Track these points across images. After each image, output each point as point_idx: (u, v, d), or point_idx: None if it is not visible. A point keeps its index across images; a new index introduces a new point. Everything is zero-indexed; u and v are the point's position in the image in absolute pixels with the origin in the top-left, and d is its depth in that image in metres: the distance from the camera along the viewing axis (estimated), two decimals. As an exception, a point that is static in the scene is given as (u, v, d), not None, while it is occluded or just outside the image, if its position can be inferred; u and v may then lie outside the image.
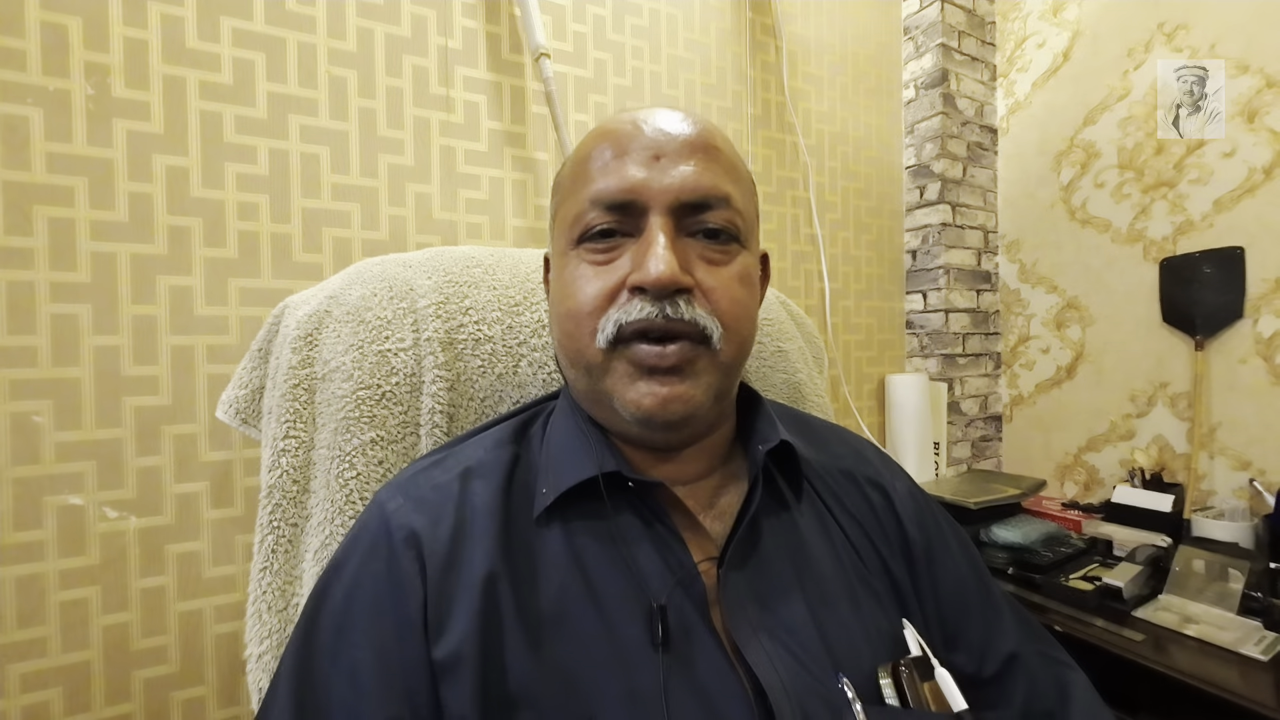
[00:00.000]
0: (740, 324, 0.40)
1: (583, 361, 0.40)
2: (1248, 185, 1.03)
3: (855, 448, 0.51)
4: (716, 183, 0.39)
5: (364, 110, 0.84)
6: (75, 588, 0.68)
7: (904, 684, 0.36)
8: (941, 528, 0.48)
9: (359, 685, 0.33)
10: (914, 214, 1.38)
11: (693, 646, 0.35)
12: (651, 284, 0.36)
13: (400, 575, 0.36)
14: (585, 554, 0.38)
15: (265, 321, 0.56)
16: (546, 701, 0.33)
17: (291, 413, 0.49)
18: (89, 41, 0.69)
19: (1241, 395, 1.04)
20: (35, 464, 0.67)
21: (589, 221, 0.39)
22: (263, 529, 0.48)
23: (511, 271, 0.57)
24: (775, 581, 0.39)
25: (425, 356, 0.49)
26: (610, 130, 0.41)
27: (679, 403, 0.37)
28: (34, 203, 0.67)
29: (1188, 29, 1.09)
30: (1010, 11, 1.39)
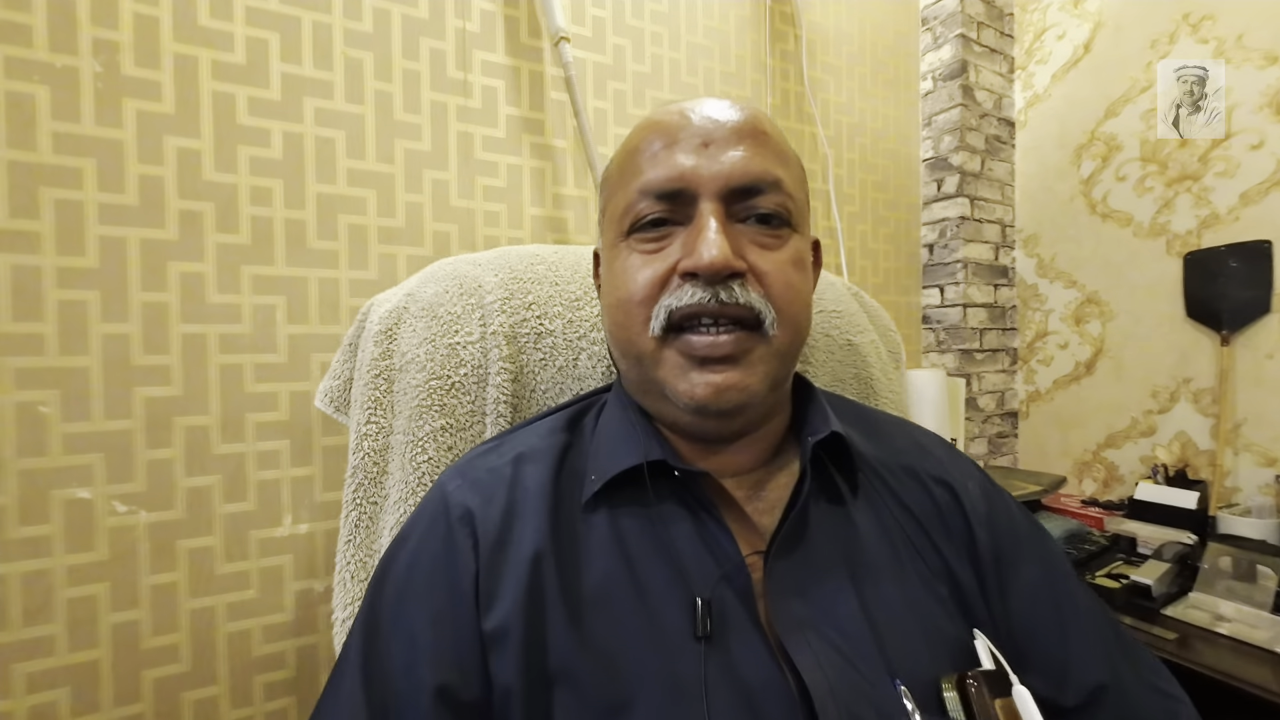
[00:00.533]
0: (794, 308, 0.39)
1: (634, 351, 0.40)
2: (1276, 178, 1.01)
3: (921, 443, 0.48)
4: (767, 167, 0.38)
5: (380, 93, 0.81)
6: (83, 584, 0.66)
7: (971, 697, 0.33)
8: (1019, 533, 0.44)
9: (416, 648, 0.35)
10: (931, 207, 1.36)
11: (735, 640, 0.34)
12: (704, 268, 0.35)
13: (455, 550, 0.38)
14: (629, 541, 0.38)
15: (355, 318, 0.60)
16: (585, 680, 0.33)
17: (372, 401, 0.53)
18: (97, 17, 0.66)
19: (1268, 390, 1.02)
20: (42, 456, 0.64)
21: (639, 211, 0.39)
22: (347, 505, 0.52)
23: (573, 268, 0.59)
24: (825, 577, 0.38)
25: (491, 349, 0.52)
26: (657, 121, 0.41)
27: (734, 391, 0.37)
28: (40, 184, 0.64)
29: (1214, 19, 1.08)
30: (1029, 3, 1.37)
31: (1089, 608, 0.42)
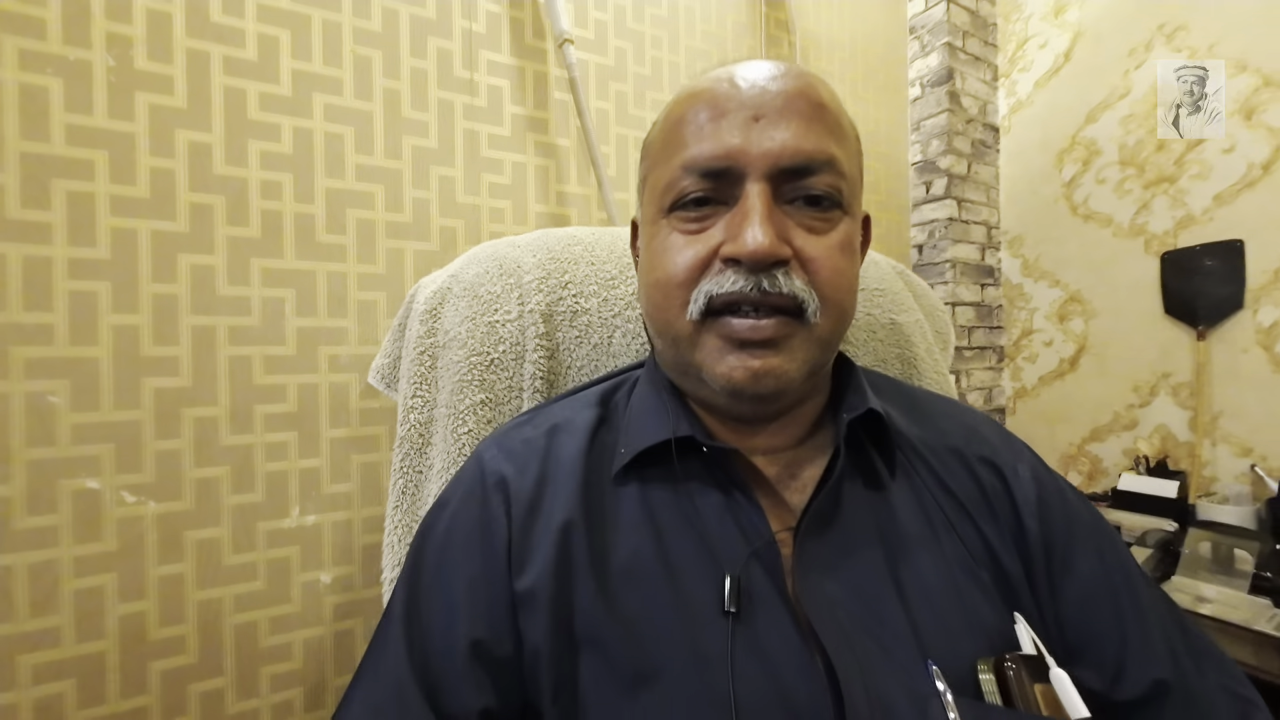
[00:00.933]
0: (840, 295, 0.37)
1: (671, 333, 0.39)
2: (1247, 180, 1.06)
3: (969, 424, 0.46)
4: (820, 145, 0.36)
5: (388, 91, 0.83)
6: (90, 575, 0.66)
7: (1009, 681, 0.32)
8: (1073, 520, 0.41)
9: (454, 607, 0.36)
10: (920, 209, 1.40)
11: (763, 616, 0.34)
12: (747, 256, 0.34)
13: (490, 515, 0.39)
14: (658, 515, 0.38)
15: (404, 301, 0.62)
16: (612, 646, 0.34)
17: (418, 376, 0.55)
18: (111, 11, 0.67)
19: (1243, 384, 1.07)
20: (50, 446, 0.64)
21: (682, 189, 0.37)
22: (395, 474, 0.55)
23: (609, 248, 0.60)
24: (858, 556, 0.36)
25: (528, 327, 0.54)
26: (705, 90, 0.38)
27: (771, 377, 0.36)
28: (53, 175, 0.64)
29: (1187, 29, 1.13)
30: (1012, 13, 1.42)
31: (1151, 603, 0.39)
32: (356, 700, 0.36)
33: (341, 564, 0.79)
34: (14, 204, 0.63)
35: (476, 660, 0.35)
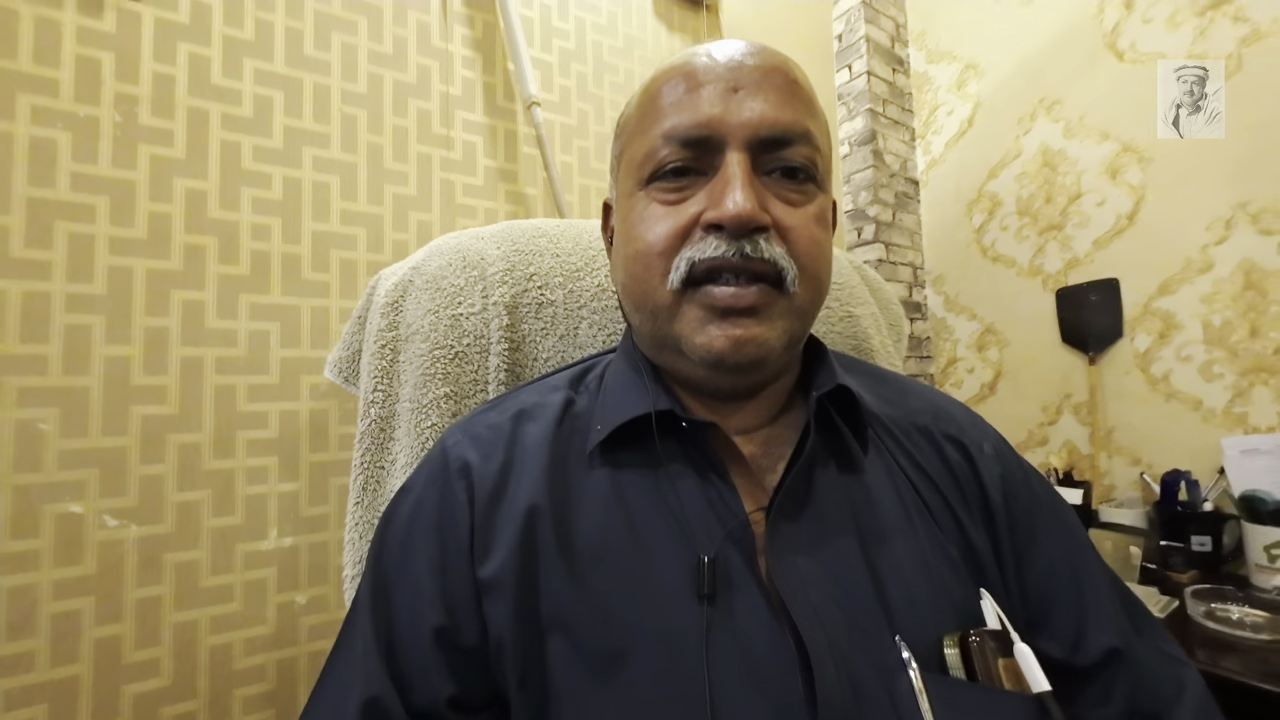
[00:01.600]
0: (817, 265, 0.38)
1: (650, 304, 0.38)
2: (1116, 228, 1.25)
3: (936, 403, 0.46)
4: (798, 117, 0.37)
5: (372, 145, 0.91)
6: (68, 598, 0.68)
7: (973, 655, 0.33)
8: (1036, 499, 0.42)
9: (418, 594, 0.37)
10: (854, 251, 1.56)
11: (737, 596, 0.34)
12: (730, 220, 0.34)
13: (452, 501, 0.39)
14: (630, 495, 0.38)
15: (364, 291, 0.62)
16: (581, 629, 0.34)
17: (379, 370, 0.54)
18: (120, 74, 0.74)
19: (1128, 402, 1.23)
20: (37, 471, 0.67)
21: (662, 158, 0.37)
22: (356, 469, 0.54)
23: (574, 240, 0.60)
24: (829, 534, 0.37)
25: (493, 320, 0.54)
26: (682, 64, 0.39)
27: (753, 345, 0.36)
28: (56, 218, 0.70)
29: (1062, 104, 1.34)
30: (924, 85, 1.64)
31: (1104, 578, 0.40)
32: (329, 690, 0.36)
33: (317, 585, 0.82)
34: (18, 244, 0.67)
35: (441, 648, 0.35)
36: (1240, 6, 1.08)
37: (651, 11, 1.25)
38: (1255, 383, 1.07)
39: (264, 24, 0.84)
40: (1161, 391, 1.18)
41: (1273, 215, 1.05)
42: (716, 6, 1.36)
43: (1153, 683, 0.37)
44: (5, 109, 0.68)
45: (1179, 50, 1.16)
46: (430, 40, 0.98)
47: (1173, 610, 0.92)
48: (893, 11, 1.64)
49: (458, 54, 1.01)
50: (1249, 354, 1.07)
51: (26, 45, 0.69)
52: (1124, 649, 0.38)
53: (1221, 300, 1.10)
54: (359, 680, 0.34)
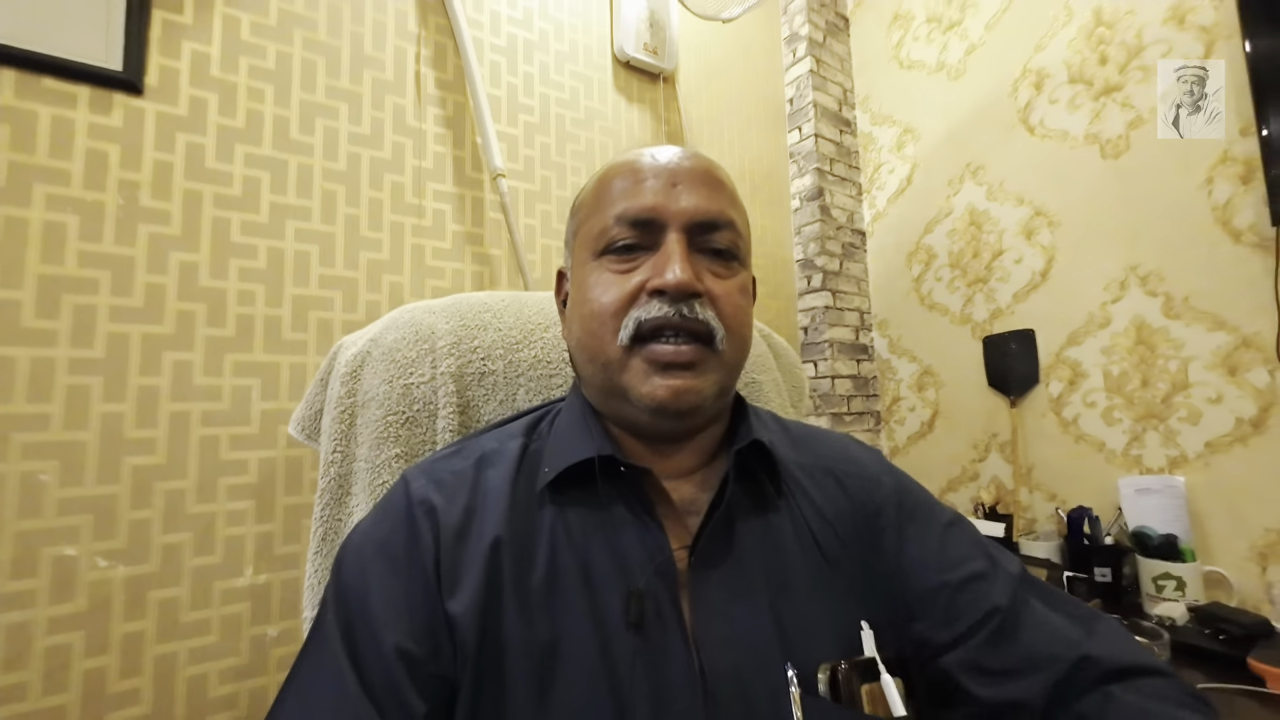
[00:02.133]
0: (741, 328, 0.45)
1: (602, 358, 0.44)
2: (1032, 284, 1.38)
3: (839, 447, 0.54)
4: (723, 208, 0.45)
5: (349, 216, 1.02)
6: (60, 633, 0.75)
7: (839, 682, 0.38)
8: (921, 506, 0.49)
9: (387, 622, 0.38)
10: (804, 298, 1.68)
11: (659, 625, 0.39)
12: (672, 287, 0.41)
13: (416, 532, 0.41)
14: (578, 533, 0.42)
15: (326, 357, 0.69)
16: (529, 661, 0.37)
17: (338, 433, 0.61)
18: (125, 163, 0.84)
19: (1045, 442, 1.34)
20: (37, 518, 0.75)
21: (613, 235, 0.44)
22: (316, 522, 0.60)
23: (516, 315, 0.67)
24: (742, 573, 0.42)
25: (440, 388, 0.60)
26: (629, 162, 0.47)
27: (691, 394, 0.42)
28: (64, 291, 0.79)
29: (985, 169, 1.48)
30: (869, 145, 1.78)
31: (987, 559, 0.45)
32: None
33: (288, 618, 0.90)
34: (29, 315, 0.77)
35: (413, 673, 0.37)
36: (1127, 95, 1.23)
37: (611, 86, 1.38)
38: (1148, 428, 1.19)
39: (254, 113, 0.94)
40: (1071, 433, 1.30)
41: (1157, 279, 1.18)
42: (674, 78, 1.49)
43: (1047, 632, 0.41)
44: (22, 198, 0.77)
45: (1079, 129, 1.30)
46: (405, 120, 1.09)
47: (1069, 637, 1.02)
48: (840, 78, 1.79)
49: (430, 131, 1.12)
50: (1142, 401, 1.19)
51: (44, 141, 0.79)
52: (1006, 607, 0.42)
53: (1119, 352, 1.23)
54: (333, 699, 0.36)
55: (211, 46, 0.92)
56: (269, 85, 0.96)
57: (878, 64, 1.77)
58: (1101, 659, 0.39)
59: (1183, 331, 1.14)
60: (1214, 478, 1.10)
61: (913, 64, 1.67)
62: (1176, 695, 0.37)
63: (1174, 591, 1.06)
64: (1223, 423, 1.09)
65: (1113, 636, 0.41)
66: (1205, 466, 1.11)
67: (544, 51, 1.28)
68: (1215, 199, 1.10)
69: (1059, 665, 0.39)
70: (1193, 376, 1.13)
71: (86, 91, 0.82)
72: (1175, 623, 0.99)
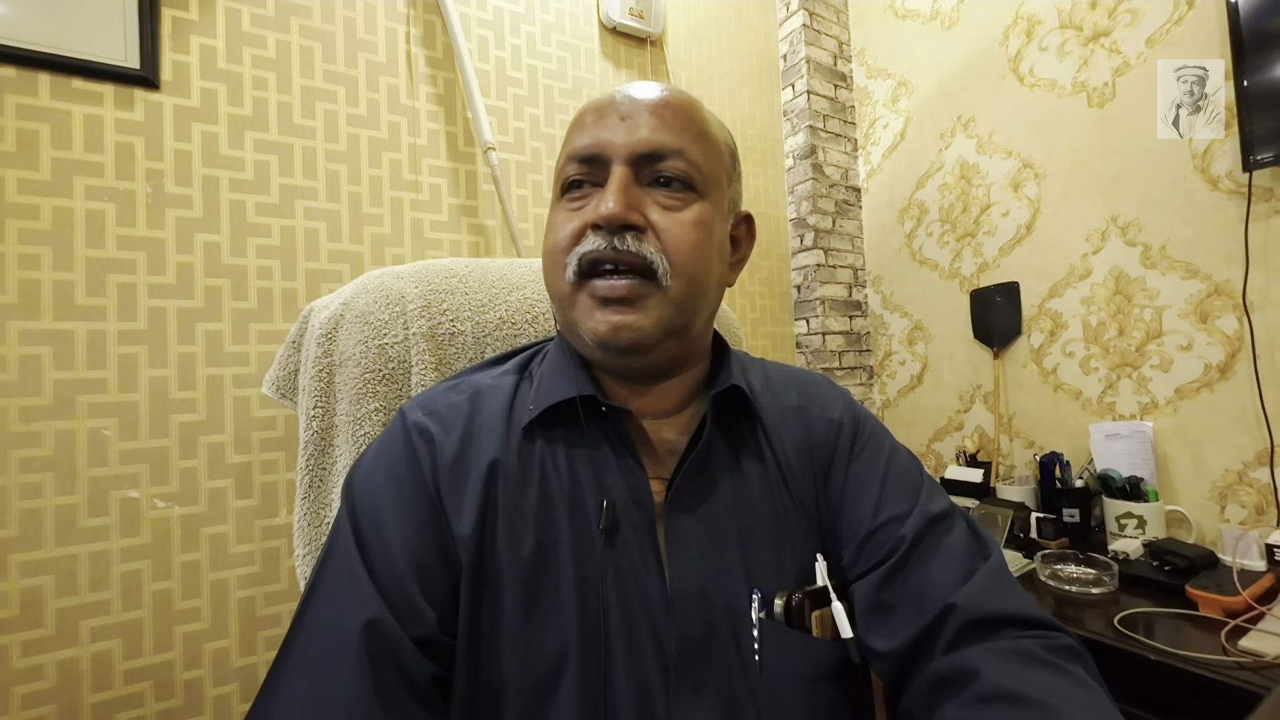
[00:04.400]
0: (688, 262, 0.43)
1: (558, 295, 0.46)
2: (1017, 237, 1.40)
3: (806, 384, 0.55)
4: (671, 137, 0.43)
5: (352, 194, 1.10)
6: (132, 561, 0.90)
7: (792, 608, 0.42)
8: (870, 448, 0.50)
9: (398, 533, 0.41)
10: (797, 256, 1.72)
11: (636, 549, 0.42)
12: (603, 219, 0.41)
13: (416, 457, 0.43)
14: (564, 464, 0.44)
15: (296, 320, 0.73)
16: (515, 579, 0.40)
17: (318, 390, 0.65)
18: (149, 154, 0.94)
19: (1025, 392, 1.39)
20: (104, 466, 0.89)
21: (567, 174, 0.45)
22: (301, 471, 0.65)
23: (480, 279, 0.71)
24: (714, 510, 0.45)
25: (413, 348, 0.64)
26: (594, 102, 0.47)
27: (628, 330, 0.42)
28: (107, 272, 0.90)
29: (975, 121, 1.48)
30: (864, 100, 1.77)
31: (906, 485, 0.47)
32: (324, 613, 0.38)
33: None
34: (81, 293, 0.88)
35: (424, 581, 0.39)
36: (1115, 40, 1.21)
37: (599, 53, 1.42)
38: (1121, 376, 1.22)
39: (259, 101, 1.02)
40: (1050, 383, 1.34)
41: (1136, 229, 1.19)
42: (662, 41, 1.51)
43: (932, 575, 0.42)
44: (66, 189, 0.88)
45: (1067, 77, 1.29)
46: (399, 100, 1.16)
47: (1026, 571, 1.09)
48: (835, 30, 1.77)
49: (423, 109, 1.19)
50: (1117, 350, 1.22)
51: (79, 138, 0.89)
52: (907, 537, 0.43)
53: (1097, 303, 1.25)
54: (355, 604, 0.37)
55: (217, 40, 0.99)
56: (271, 73, 1.04)
57: (874, 14, 1.74)
58: (964, 609, 0.39)
59: (1158, 281, 1.16)
60: (1181, 423, 1.14)
61: (908, 13, 1.64)
62: (1032, 651, 0.37)
63: (1135, 530, 1.12)
64: (1192, 369, 1.12)
65: (990, 583, 0.41)
66: (1174, 412, 1.15)
67: (530, 23, 1.32)
68: (1195, 146, 1.10)
69: (927, 613, 0.40)
70: (1166, 325, 1.15)
71: (111, 89, 0.91)
72: (1129, 556, 1.05)
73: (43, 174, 0.86)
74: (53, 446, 0.86)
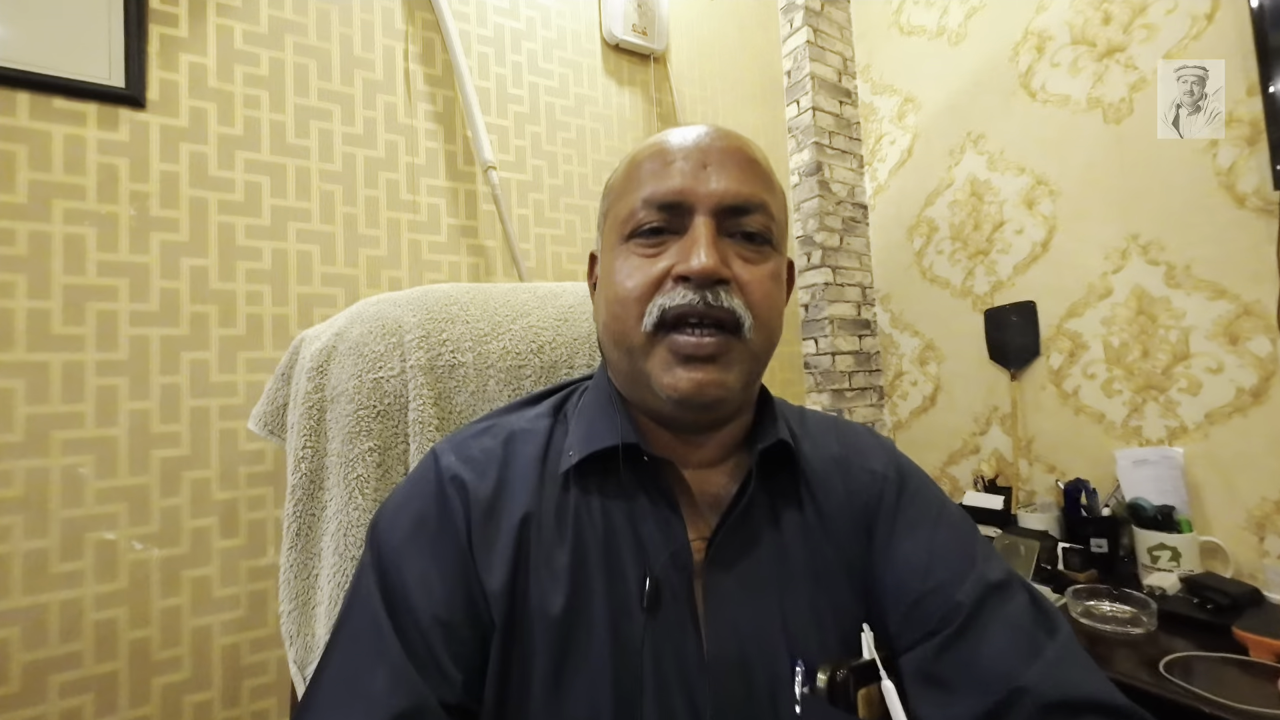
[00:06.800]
0: (770, 316, 0.44)
1: (626, 343, 0.44)
2: (1033, 255, 1.36)
3: (846, 435, 0.53)
4: (755, 190, 0.43)
5: (347, 215, 1.06)
6: (107, 609, 0.84)
7: (836, 683, 0.39)
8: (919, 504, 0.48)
9: (432, 592, 0.39)
10: (804, 275, 1.68)
11: (674, 613, 0.40)
12: (696, 273, 0.40)
13: (448, 506, 0.42)
14: (600, 516, 0.43)
15: (287, 350, 0.69)
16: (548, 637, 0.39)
17: (307, 429, 0.60)
18: (134, 175, 0.89)
19: (1044, 415, 1.34)
20: (79, 507, 0.83)
21: (640, 219, 0.43)
22: (289, 518, 0.60)
23: (481, 307, 0.67)
24: (756, 568, 0.43)
25: (410, 381, 0.60)
26: (661, 142, 0.45)
27: (714, 387, 0.41)
28: (87, 300, 0.85)
29: (986, 138, 1.45)
30: (870, 116, 1.75)
31: (975, 555, 0.44)
32: (345, 693, 0.36)
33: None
34: (58, 323, 0.83)
35: (455, 643, 0.38)
36: (1131, 56, 1.19)
37: (601, 70, 1.39)
38: (1147, 399, 1.18)
39: (251, 120, 0.99)
40: (1071, 405, 1.29)
41: (1158, 247, 1.15)
42: (665, 58, 1.49)
43: (996, 647, 0.39)
44: (43, 213, 0.83)
45: (1081, 92, 1.26)
46: (397, 118, 1.12)
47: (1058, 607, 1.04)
48: (839, 47, 1.75)
49: (421, 128, 1.15)
50: (1142, 373, 1.18)
51: (58, 159, 0.85)
52: (966, 604, 0.40)
53: (1119, 323, 1.21)
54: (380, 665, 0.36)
55: (207, 57, 0.96)
56: (264, 91, 1.00)
57: (878, 30, 1.72)
58: (1037, 692, 0.36)
59: (1184, 301, 1.12)
60: (1212, 448, 1.09)
61: (913, 29, 1.62)
62: None
63: (1169, 562, 1.07)
64: (1223, 393, 1.08)
65: (1062, 662, 0.38)
66: (1204, 437, 1.10)
67: (531, 40, 1.29)
68: (1219, 163, 1.07)
69: (992, 693, 0.37)
70: (1193, 346, 1.11)
71: (94, 109, 0.87)
72: (1166, 592, 1.00)
73: (18, 197, 0.82)
74: (23, 486, 0.80)
